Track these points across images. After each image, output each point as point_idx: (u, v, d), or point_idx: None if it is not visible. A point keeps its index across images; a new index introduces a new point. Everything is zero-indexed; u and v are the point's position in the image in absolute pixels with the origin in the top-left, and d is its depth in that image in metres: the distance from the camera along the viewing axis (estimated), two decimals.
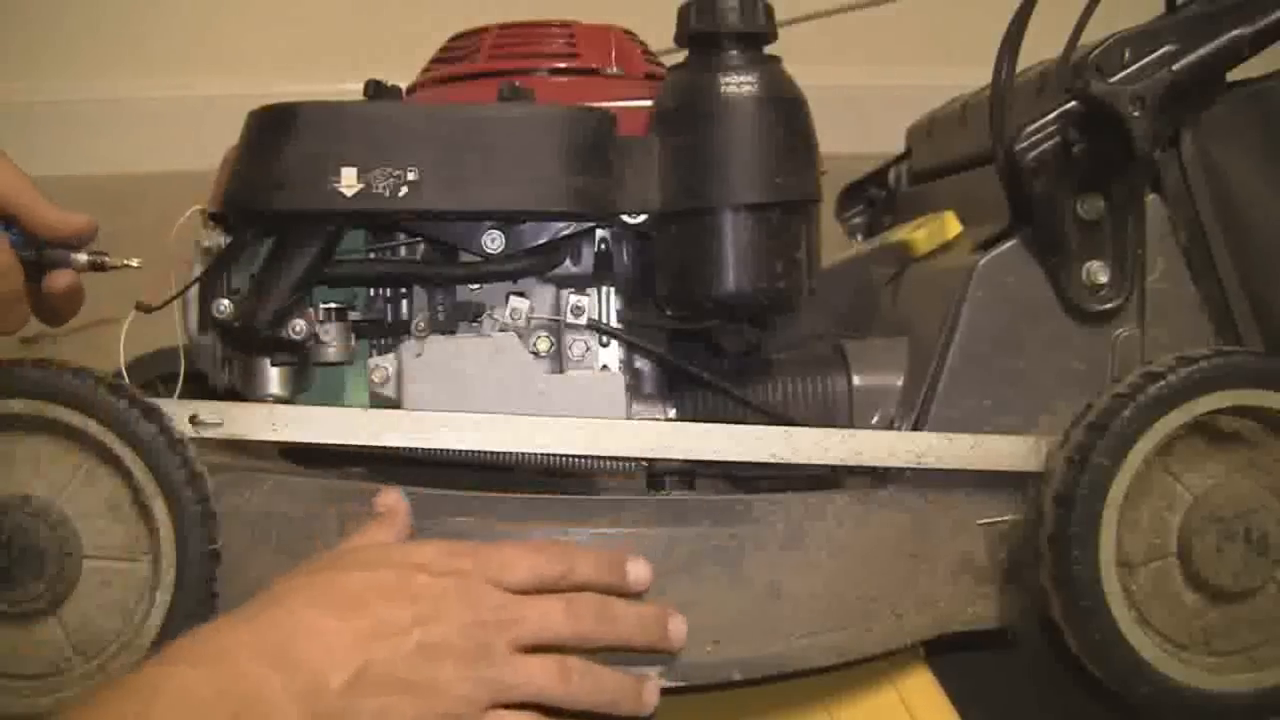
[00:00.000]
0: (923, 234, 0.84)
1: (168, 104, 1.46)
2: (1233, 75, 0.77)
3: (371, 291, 0.76)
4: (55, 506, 0.68)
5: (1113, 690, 0.72)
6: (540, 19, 0.85)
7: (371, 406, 0.73)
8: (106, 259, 0.69)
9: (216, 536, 0.68)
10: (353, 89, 0.75)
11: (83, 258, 0.68)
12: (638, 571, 0.65)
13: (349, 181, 0.68)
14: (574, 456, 0.72)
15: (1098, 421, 0.71)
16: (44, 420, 0.68)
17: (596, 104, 0.73)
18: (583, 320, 0.74)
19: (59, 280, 0.69)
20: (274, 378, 0.74)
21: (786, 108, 0.71)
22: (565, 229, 0.73)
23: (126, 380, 0.70)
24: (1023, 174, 0.74)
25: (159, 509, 0.67)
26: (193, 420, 0.70)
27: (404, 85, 0.81)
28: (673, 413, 0.77)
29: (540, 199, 0.70)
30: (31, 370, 0.67)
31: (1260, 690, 0.73)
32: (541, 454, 0.71)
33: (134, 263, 0.70)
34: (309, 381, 0.76)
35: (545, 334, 0.75)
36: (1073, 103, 0.74)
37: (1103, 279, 0.76)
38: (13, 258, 0.67)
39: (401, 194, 0.68)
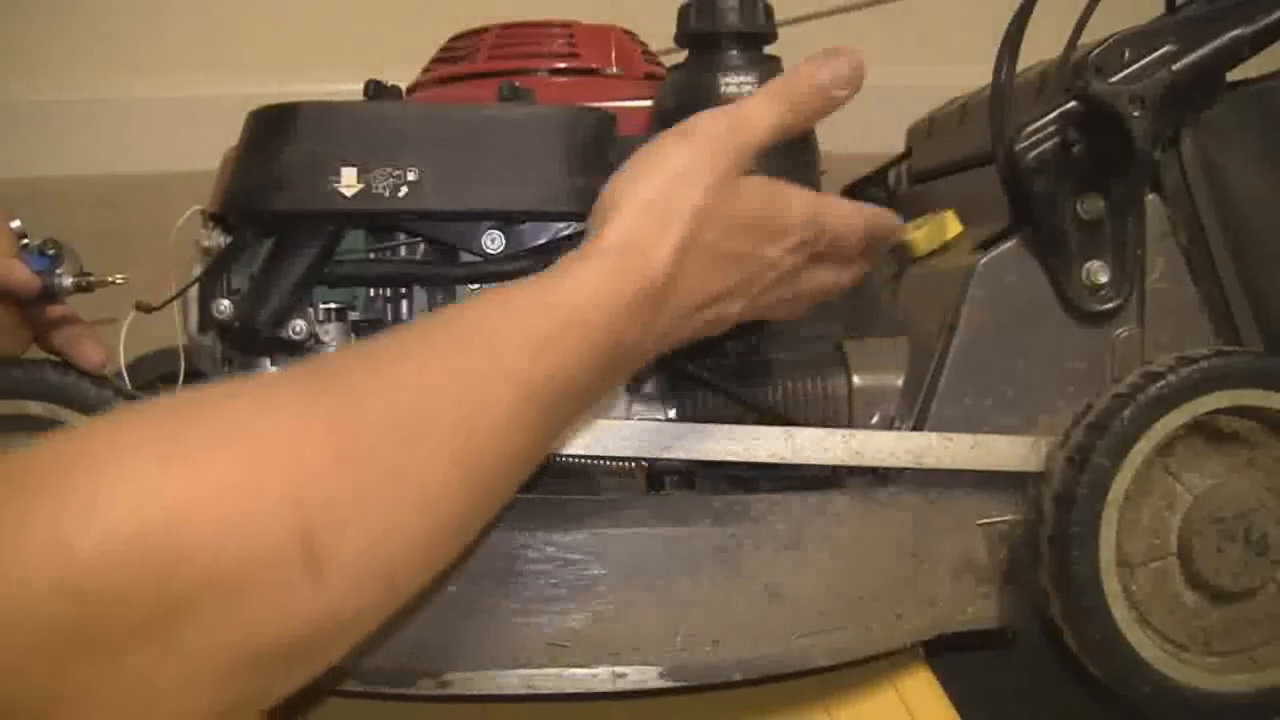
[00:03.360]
0: (923, 234, 0.83)
1: (168, 104, 1.45)
2: (1233, 75, 0.77)
3: (371, 291, 0.76)
4: None
5: (1113, 690, 0.72)
6: (540, 19, 0.85)
7: None
8: (92, 278, 0.67)
9: None
10: (353, 89, 0.75)
11: (67, 281, 0.65)
12: None
13: (349, 181, 0.68)
14: (574, 457, 0.72)
15: (1098, 421, 0.71)
16: (58, 425, 0.67)
17: (596, 104, 0.73)
18: None
19: (52, 313, 0.68)
20: None
21: None
22: (565, 229, 0.73)
23: (127, 380, 0.70)
24: (1023, 174, 0.74)
25: None
26: None
27: (404, 85, 0.81)
28: (673, 413, 0.77)
29: (540, 199, 0.70)
30: (52, 373, 0.67)
31: (1260, 690, 0.73)
32: None
33: (119, 279, 0.68)
34: None
35: None
36: (1073, 103, 0.74)
37: (1103, 279, 0.76)
38: None
39: (401, 194, 0.68)
